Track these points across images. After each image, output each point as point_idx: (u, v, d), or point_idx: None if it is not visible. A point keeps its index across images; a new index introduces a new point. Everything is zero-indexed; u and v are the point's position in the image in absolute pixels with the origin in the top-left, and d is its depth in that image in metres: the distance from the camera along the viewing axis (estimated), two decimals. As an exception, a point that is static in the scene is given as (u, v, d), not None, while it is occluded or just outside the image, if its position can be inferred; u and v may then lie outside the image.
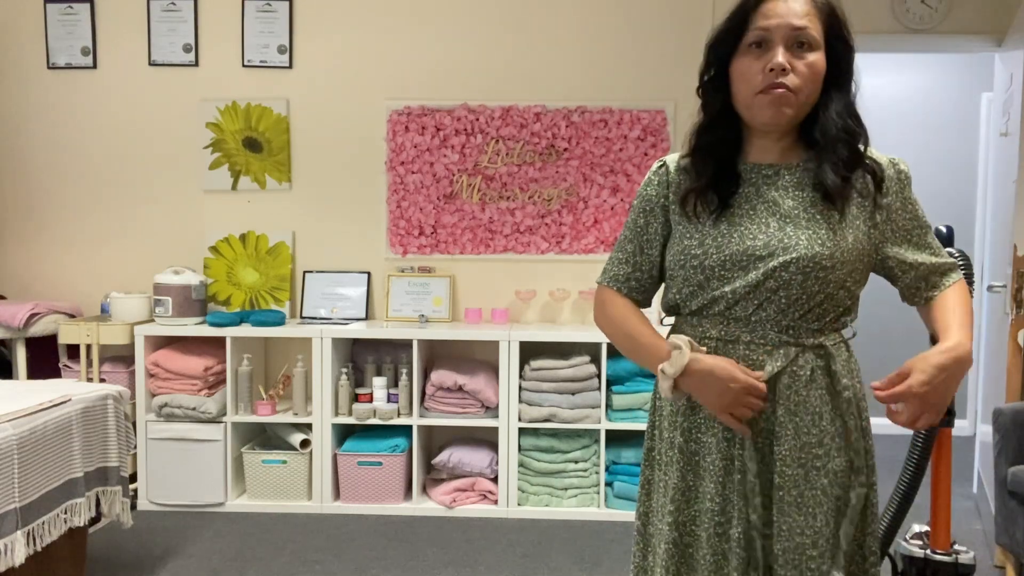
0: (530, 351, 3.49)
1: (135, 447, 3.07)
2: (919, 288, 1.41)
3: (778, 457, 1.33)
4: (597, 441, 3.44)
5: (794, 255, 1.30)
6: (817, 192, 1.34)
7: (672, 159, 1.46)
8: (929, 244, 1.42)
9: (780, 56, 1.28)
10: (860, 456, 1.36)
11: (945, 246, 1.78)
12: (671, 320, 1.49)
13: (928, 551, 1.89)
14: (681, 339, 1.35)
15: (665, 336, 1.43)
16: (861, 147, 1.35)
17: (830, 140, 1.33)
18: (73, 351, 3.66)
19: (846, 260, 1.31)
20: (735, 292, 1.33)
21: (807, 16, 1.29)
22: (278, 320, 3.57)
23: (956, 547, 1.90)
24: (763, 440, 1.35)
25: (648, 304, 1.51)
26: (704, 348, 1.35)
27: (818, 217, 1.32)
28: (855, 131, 1.34)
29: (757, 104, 1.31)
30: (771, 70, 1.28)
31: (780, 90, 1.28)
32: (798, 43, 1.29)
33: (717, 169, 1.37)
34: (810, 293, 1.31)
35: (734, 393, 1.29)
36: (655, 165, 1.47)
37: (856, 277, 1.35)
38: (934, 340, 1.36)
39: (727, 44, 1.34)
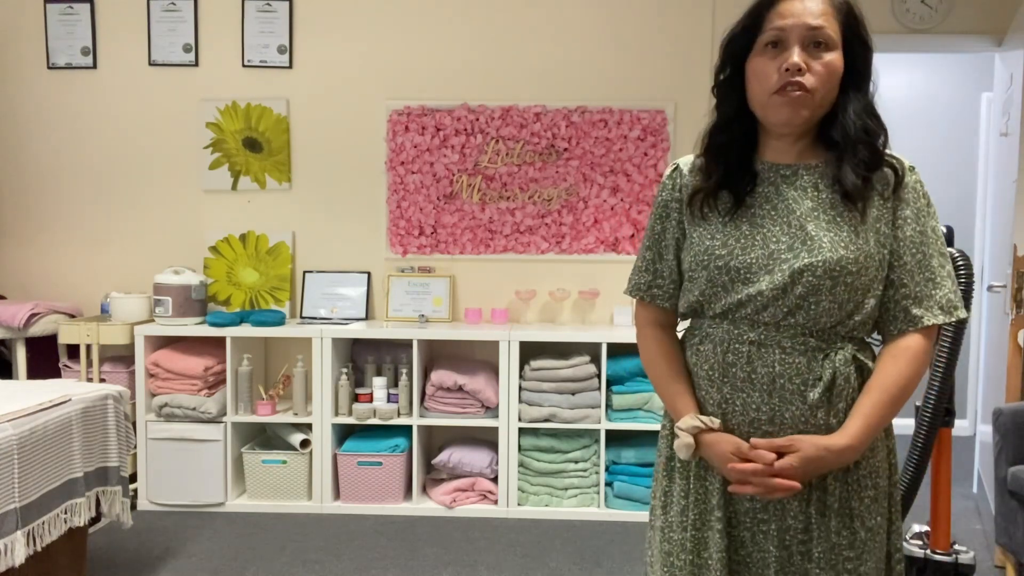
0: (530, 351, 3.49)
1: (135, 447, 3.07)
2: (891, 319, 1.35)
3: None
4: (597, 441, 3.44)
5: (819, 257, 1.28)
6: (837, 193, 1.32)
7: (685, 161, 1.46)
8: (925, 278, 1.36)
9: (796, 56, 1.26)
10: (890, 454, 1.40)
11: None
12: (686, 323, 1.47)
13: (928, 551, 1.89)
14: (687, 424, 1.35)
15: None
16: (881, 146, 1.33)
17: (850, 141, 1.31)
18: (73, 351, 3.66)
19: (871, 265, 1.29)
20: (762, 295, 1.30)
21: (824, 16, 1.27)
22: (278, 320, 3.57)
23: (956, 547, 1.90)
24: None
25: (681, 311, 1.47)
26: (718, 423, 1.34)
27: (839, 219, 1.30)
28: (875, 131, 1.32)
29: (772, 104, 1.30)
30: (787, 70, 1.26)
31: (796, 92, 1.27)
32: (815, 43, 1.27)
33: (728, 168, 1.36)
34: (840, 301, 1.29)
35: (730, 474, 1.32)
36: (668, 169, 1.47)
37: (882, 284, 1.33)
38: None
39: (742, 43, 1.33)
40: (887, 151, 1.34)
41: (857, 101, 1.32)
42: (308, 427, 3.51)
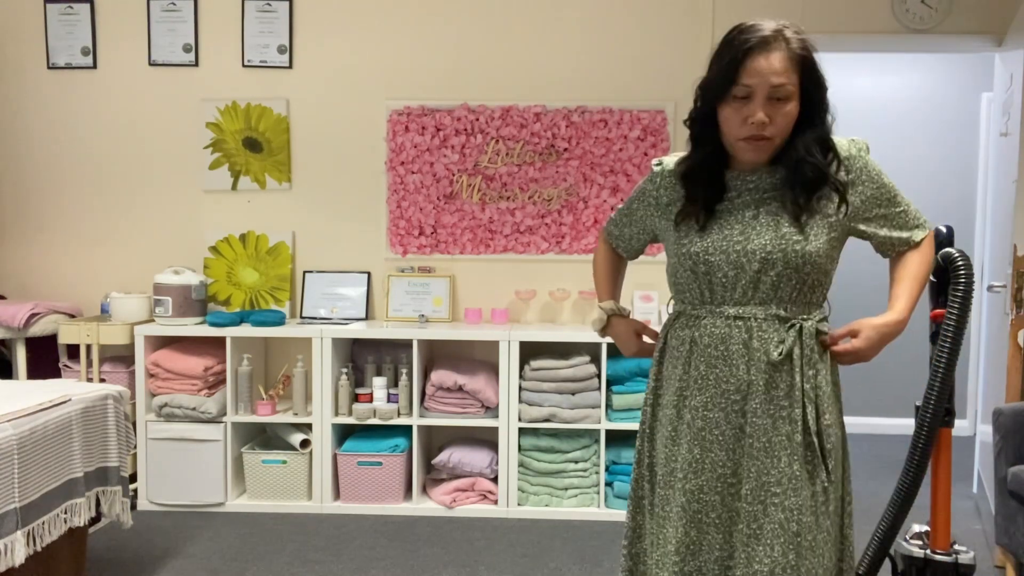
0: (530, 351, 3.49)
1: (135, 447, 3.07)
2: (890, 248, 1.66)
3: (749, 410, 1.56)
4: (597, 441, 3.44)
5: (782, 249, 1.54)
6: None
7: (670, 161, 1.71)
8: (897, 215, 1.63)
9: (760, 113, 1.50)
10: (827, 401, 1.58)
11: (945, 246, 1.78)
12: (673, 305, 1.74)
13: (928, 551, 1.89)
14: (606, 306, 1.85)
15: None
16: (826, 172, 1.55)
17: (798, 167, 1.54)
18: (73, 351, 3.66)
19: (825, 251, 1.57)
20: (727, 277, 1.57)
21: (784, 72, 1.49)
22: (278, 320, 3.57)
23: (956, 547, 1.90)
24: (738, 397, 1.58)
25: (631, 258, 1.91)
26: (628, 311, 1.87)
27: (796, 216, 1.56)
28: (822, 162, 1.55)
29: (739, 148, 1.56)
30: (752, 123, 1.50)
31: (760, 142, 1.53)
32: (776, 97, 1.50)
33: (706, 187, 1.61)
34: (808, 284, 1.57)
35: (631, 351, 1.85)
36: (654, 162, 1.74)
37: (834, 264, 1.63)
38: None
39: (716, 93, 1.55)
40: (832, 139, 1.58)
41: (811, 134, 1.55)
42: (308, 427, 3.51)
